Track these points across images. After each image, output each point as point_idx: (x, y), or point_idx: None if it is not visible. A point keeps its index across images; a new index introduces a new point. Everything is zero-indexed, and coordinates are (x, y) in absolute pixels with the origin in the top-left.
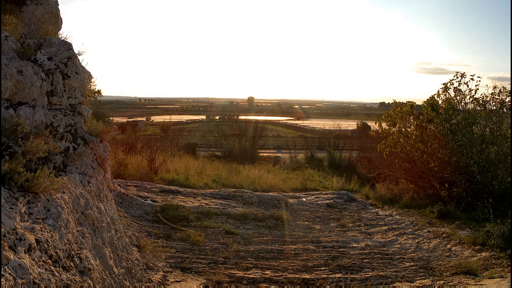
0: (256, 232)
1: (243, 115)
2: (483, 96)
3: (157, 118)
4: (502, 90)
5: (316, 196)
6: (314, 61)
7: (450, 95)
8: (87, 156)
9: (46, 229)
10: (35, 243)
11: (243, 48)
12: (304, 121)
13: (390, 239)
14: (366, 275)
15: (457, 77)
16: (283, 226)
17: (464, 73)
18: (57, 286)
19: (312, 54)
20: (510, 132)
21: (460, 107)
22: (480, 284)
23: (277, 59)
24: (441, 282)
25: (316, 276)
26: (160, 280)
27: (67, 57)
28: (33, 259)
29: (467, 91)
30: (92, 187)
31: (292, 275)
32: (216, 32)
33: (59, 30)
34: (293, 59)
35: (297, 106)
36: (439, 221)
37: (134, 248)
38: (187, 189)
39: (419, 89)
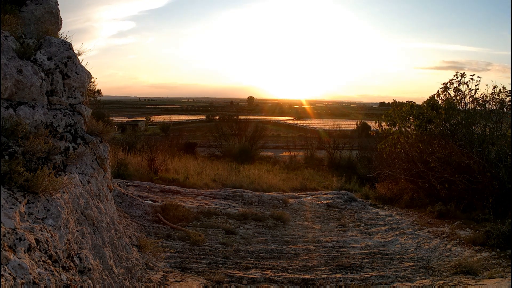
0: (256, 232)
1: (243, 115)
2: (483, 96)
3: (157, 118)
4: (502, 90)
5: (316, 196)
6: (316, 61)
7: (450, 95)
8: (87, 156)
9: (46, 229)
10: (35, 243)
11: (244, 47)
12: (304, 121)
13: (390, 239)
14: (366, 275)
15: (457, 77)
16: (283, 226)
17: (464, 73)
18: (57, 286)
19: (313, 53)
20: (510, 132)
21: (460, 107)
22: (480, 284)
23: (278, 58)
24: (441, 282)
25: (316, 276)
26: (160, 280)
27: (67, 57)
28: (33, 259)
29: (467, 91)
30: (92, 187)
31: (292, 275)
32: (215, 31)
33: (59, 30)
34: (293, 59)
35: (297, 106)
36: (439, 221)
37: (134, 248)
38: (187, 189)
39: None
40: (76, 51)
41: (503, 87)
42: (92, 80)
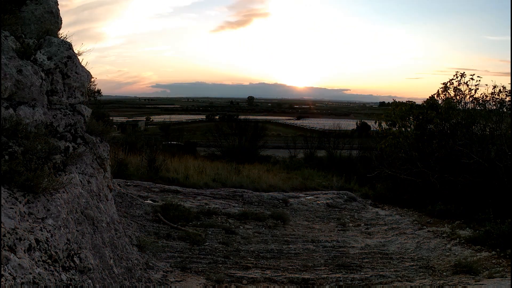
0: (256, 232)
1: (243, 115)
2: (483, 96)
3: (157, 118)
4: (502, 90)
5: (316, 195)
6: (317, 60)
7: (450, 94)
8: (87, 155)
9: (45, 228)
10: (35, 243)
11: (244, 46)
12: (303, 121)
13: (390, 238)
14: (366, 275)
15: (457, 77)
16: (283, 225)
17: (464, 72)
18: (57, 286)
19: (315, 52)
20: (510, 132)
21: (460, 107)
22: (480, 284)
23: (278, 58)
24: (441, 281)
25: (316, 276)
26: (160, 280)
27: (67, 56)
28: (33, 259)
29: (467, 90)
30: (92, 186)
31: (292, 275)
32: (214, 30)
33: (59, 29)
34: (294, 58)
35: (297, 106)
36: (439, 220)
37: (134, 247)
38: (187, 189)
39: None
40: (76, 51)
41: (503, 86)
42: (92, 80)
